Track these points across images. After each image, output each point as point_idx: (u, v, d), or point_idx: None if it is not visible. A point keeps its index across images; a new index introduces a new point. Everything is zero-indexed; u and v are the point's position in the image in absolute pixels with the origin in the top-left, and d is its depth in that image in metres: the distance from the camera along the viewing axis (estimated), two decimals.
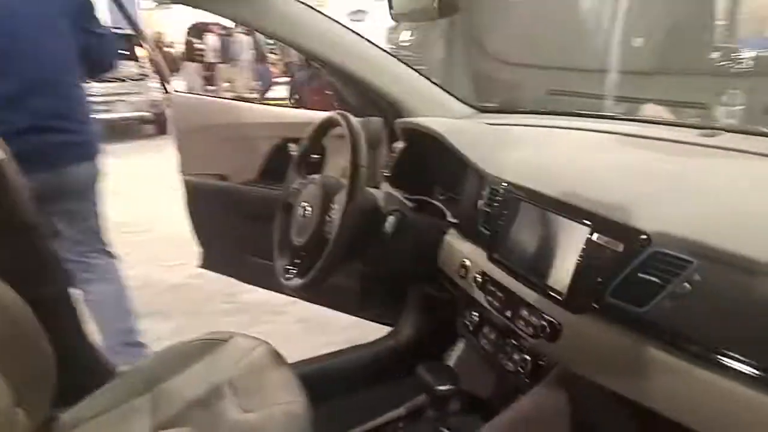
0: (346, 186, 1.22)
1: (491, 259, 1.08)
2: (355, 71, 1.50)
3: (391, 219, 1.19)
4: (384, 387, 1.68)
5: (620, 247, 0.80)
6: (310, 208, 1.22)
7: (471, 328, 1.11)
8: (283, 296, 2.82)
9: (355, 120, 1.18)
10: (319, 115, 2.14)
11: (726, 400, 0.67)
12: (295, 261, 1.27)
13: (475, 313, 1.11)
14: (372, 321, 2.03)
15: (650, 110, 1.96)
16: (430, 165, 1.50)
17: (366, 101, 1.67)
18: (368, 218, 1.17)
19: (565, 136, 1.26)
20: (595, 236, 0.85)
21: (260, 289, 2.67)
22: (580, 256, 0.86)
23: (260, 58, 10.83)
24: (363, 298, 1.89)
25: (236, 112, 2.09)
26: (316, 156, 1.86)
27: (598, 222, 0.85)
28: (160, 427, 1.08)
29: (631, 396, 0.77)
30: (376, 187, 1.38)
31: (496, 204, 1.10)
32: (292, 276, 1.23)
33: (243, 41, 11.34)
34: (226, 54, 11.17)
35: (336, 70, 1.54)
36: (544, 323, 0.90)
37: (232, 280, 2.27)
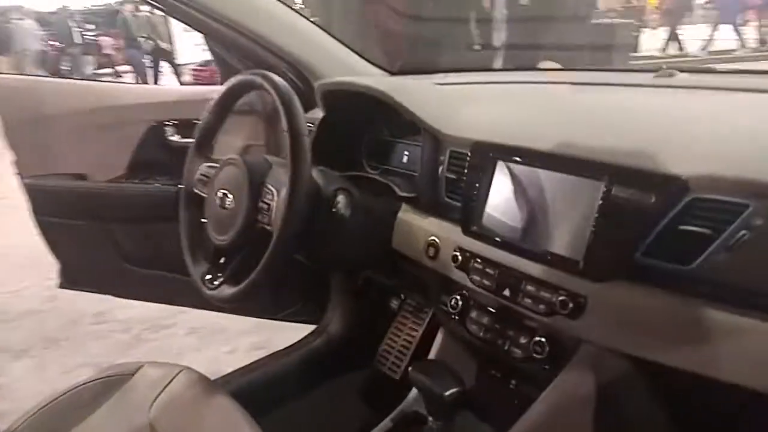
0: (279, 164, 0.99)
1: (468, 232, 0.93)
2: (256, 29, 1.25)
3: (341, 200, 0.99)
4: (330, 387, 1.52)
5: (650, 199, 0.69)
6: (231, 197, 0.97)
7: (455, 315, 0.95)
8: (164, 307, 2.50)
9: (281, 80, 0.95)
10: (197, 90, 1.84)
11: None
12: (219, 263, 1.01)
13: (456, 297, 0.96)
14: (288, 321, 1.81)
15: (547, 65, 1.93)
16: (356, 135, 1.30)
17: (261, 68, 1.43)
18: (314, 201, 0.96)
19: (520, 89, 1.14)
20: (614, 189, 0.73)
21: (135, 303, 2.32)
22: (598, 216, 0.74)
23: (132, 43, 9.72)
24: (278, 296, 1.67)
25: (88, 94, 1.71)
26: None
27: (616, 172, 0.73)
28: None
29: (689, 367, 0.67)
30: None
31: (463, 169, 0.95)
32: (217, 284, 0.98)
33: (26, 28, 9.97)
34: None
35: (229, 30, 1.28)
36: (563, 297, 0.77)
37: (101, 297, 1.93)
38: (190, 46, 8.98)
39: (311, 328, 1.75)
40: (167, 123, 1.63)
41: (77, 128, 1.63)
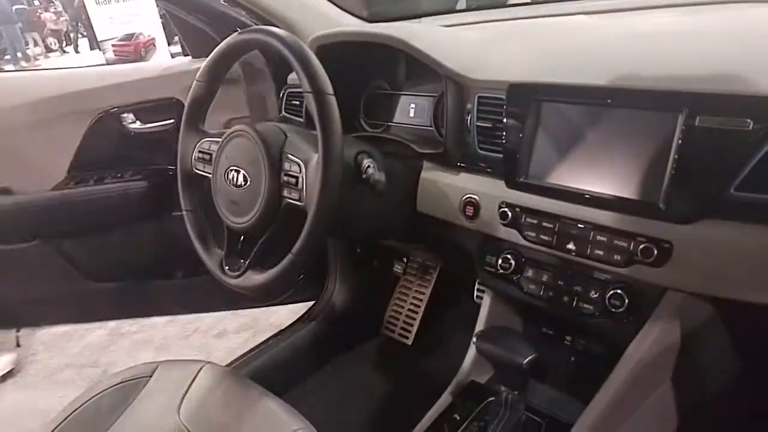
0: (295, 131, 0.87)
1: (514, 185, 0.85)
2: None
3: (370, 164, 0.88)
4: (343, 359, 1.49)
5: (747, 125, 0.62)
6: (244, 173, 0.85)
7: (508, 276, 0.88)
8: None
9: (286, 33, 0.82)
10: (149, 66, 1.61)
11: None
12: (237, 248, 0.90)
13: (507, 256, 0.88)
14: (286, 304, 1.71)
15: None
16: (353, 91, 1.19)
17: (225, 29, 1.28)
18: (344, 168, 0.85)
19: (535, 24, 1.04)
20: (697, 120, 0.65)
21: None
22: (679, 151, 0.67)
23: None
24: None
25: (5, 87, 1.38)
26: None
27: (697, 101, 0.66)
28: None
29: None
30: None
31: (498, 116, 0.86)
32: (241, 271, 0.86)
33: None
34: None
35: None
36: (645, 245, 0.70)
37: None
38: (106, 21, 8.34)
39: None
40: (118, 109, 1.36)
41: None
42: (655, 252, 0.70)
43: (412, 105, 1.13)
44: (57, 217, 1.35)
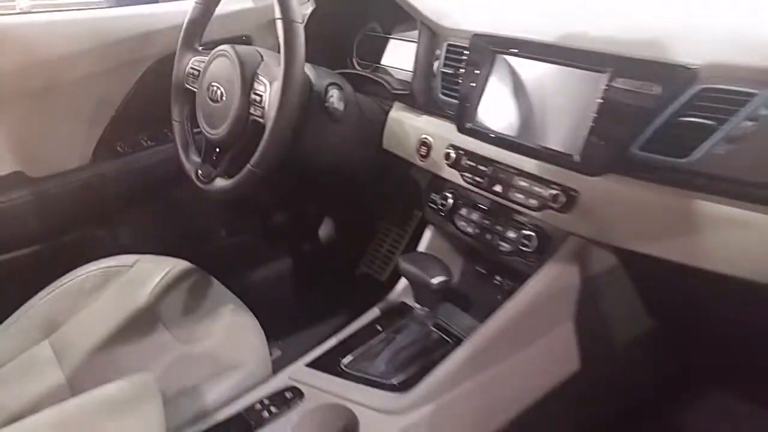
0: (270, 56, 0.95)
1: (463, 129, 0.91)
2: None
3: (334, 93, 0.96)
4: (320, 287, 1.55)
5: (657, 89, 0.67)
6: (222, 90, 0.93)
7: (443, 213, 0.96)
8: None
9: None
10: None
11: None
12: (212, 158, 0.99)
13: (447, 195, 0.96)
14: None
15: None
16: (346, 30, 1.25)
17: None
18: (306, 94, 0.92)
19: None
20: (618, 81, 0.71)
21: None
22: (598, 109, 0.72)
23: None
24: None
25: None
26: None
27: (620, 63, 0.71)
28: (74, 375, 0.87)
29: (678, 258, 0.68)
30: None
31: (460, 64, 0.92)
32: (211, 178, 0.96)
33: None
34: None
35: None
36: (555, 191, 0.77)
37: None
38: None
39: None
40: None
41: None
42: (563, 199, 0.76)
43: (399, 48, 1.19)
44: (88, 202, 1.20)
